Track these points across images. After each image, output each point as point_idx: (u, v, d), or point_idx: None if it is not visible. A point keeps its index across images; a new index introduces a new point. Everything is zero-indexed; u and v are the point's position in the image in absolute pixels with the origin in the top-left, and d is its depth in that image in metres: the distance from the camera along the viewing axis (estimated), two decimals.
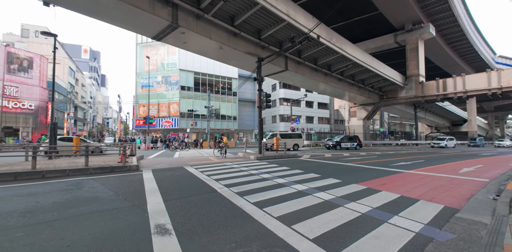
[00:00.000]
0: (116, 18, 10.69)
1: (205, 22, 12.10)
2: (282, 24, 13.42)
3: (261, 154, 12.73)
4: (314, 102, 45.45)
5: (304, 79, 20.33)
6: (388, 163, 9.98)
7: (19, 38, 37.20)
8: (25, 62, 27.14)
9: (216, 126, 36.25)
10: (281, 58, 16.74)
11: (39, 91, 27.84)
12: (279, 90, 42.04)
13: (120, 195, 4.59)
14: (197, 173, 7.18)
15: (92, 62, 65.92)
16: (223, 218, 3.27)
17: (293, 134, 21.93)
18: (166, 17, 10.56)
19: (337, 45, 17.18)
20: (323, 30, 15.75)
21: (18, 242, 2.52)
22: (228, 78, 38.98)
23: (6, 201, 4.10)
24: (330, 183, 5.62)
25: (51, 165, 7.90)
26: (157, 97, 35.04)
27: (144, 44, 35.77)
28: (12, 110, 25.27)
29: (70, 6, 9.76)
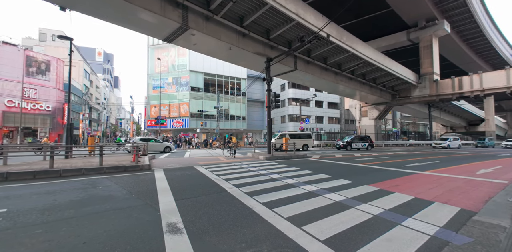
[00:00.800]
0: (129, 21, 10.96)
1: (214, 23, 12.21)
2: (291, 24, 13.35)
3: (270, 154, 12.71)
4: (324, 101, 44.96)
5: (314, 79, 20.13)
6: (401, 164, 9.74)
7: (37, 42, 38.77)
8: (43, 65, 28.26)
9: (225, 126, 36.50)
10: (290, 58, 16.65)
11: (56, 93, 28.91)
12: (288, 90, 41.85)
13: (133, 194, 4.71)
14: (207, 173, 7.25)
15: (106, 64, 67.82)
16: (233, 218, 3.29)
17: (303, 134, 21.76)
18: (176, 19, 10.73)
19: (348, 43, 16.92)
20: (333, 29, 15.56)
21: (37, 238, 2.62)
22: (237, 79, 39.16)
23: (26, 199, 4.28)
24: (341, 184, 5.54)
25: (68, 164, 8.19)
26: (168, 98, 35.65)
27: (155, 46, 36.48)
28: (31, 111, 26.36)
29: (84, 11, 10.08)
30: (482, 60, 37.17)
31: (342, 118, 47.27)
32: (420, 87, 27.59)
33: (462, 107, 38.86)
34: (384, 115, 33.00)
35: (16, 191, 4.91)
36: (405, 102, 29.67)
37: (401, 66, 24.64)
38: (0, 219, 3.20)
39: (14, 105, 24.77)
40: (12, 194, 4.64)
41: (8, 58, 25.12)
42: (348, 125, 47.50)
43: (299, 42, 11.87)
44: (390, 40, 28.46)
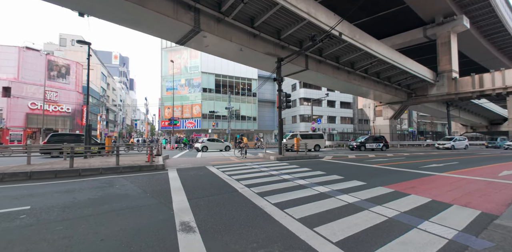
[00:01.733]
0: (143, 25, 11.28)
1: (225, 25, 12.33)
2: (302, 23, 13.25)
3: (281, 155, 12.66)
4: (336, 101, 44.26)
5: (326, 78, 19.87)
6: (417, 165, 9.42)
7: (58, 47, 40.67)
8: (63, 69, 29.62)
9: (236, 126, 36.72)
10: (301, 58, 16.52)
11: (75, 95, 30.22)
12: (299, 90, 41.53)
13: (148, 193, 4.84)
14: (218, 173, 7.33)
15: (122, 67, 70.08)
16: (244, 218, 3.31)
17: (314, 135, 21.52)
18: (188, 22, 10.93)
19: (361, 41, 16.57)
20: (345, 27, 15.30)
21: (59, 234, 2.75)
22: (247, 79, 39.31)
23: (48, 197, 4.51)
24: (354, 186, 5.44)
25: (86, 164, 8.53)
26: (180, 99, 36.33)
27: (168, 48, 37.31)
28: (52, 113, 27.68)
29: (102, 16, 10.48)
30: (505, 56, 35.28)
31: (356, 118, 46.31)
32: (438, 85, 26.56)
33: (483, 105, 37.03)
34: (399, 114, 32.03)
35: (38, 189, 5.18)
36: (422, 101, 28.66)
37: (417, 63, 23.84)
38: (24, 216, 3.39)
39: (37, 107, 26.11)
40: (35, 192, 4.89)
41: (31, 63, 26.53)
42: (362, 125, 46.48)
43: (311, 42, 11.76)
44: (406, 37, 27.59)
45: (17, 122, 25.15)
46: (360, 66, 20.20)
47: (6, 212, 3.55)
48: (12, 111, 24.73)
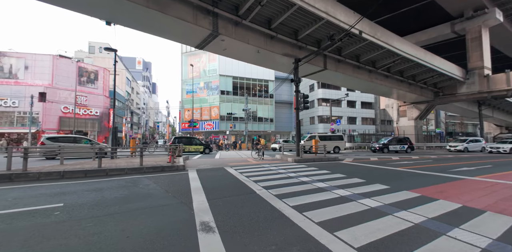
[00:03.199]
0: (165, 31, 11.76)
1: (243, 28, 12.47)
2: (320, 23, 13.05)
3: (299, 157, 12.50)
4: (356, 101, 42.92)
5: (345, 78, 19.36)
6: (446, 168, 8.86)
7: (87, 54, 43.49)
8: (92, 75, 31.59)
9: (253, 128, 36.84)
10: (320, 57, 16.25)
11: (103, 99, 32.07)
12: (317, 90, 40.83)
13: (170, 192, 5.00)
14: (236, 174, 7.40)
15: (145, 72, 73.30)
16: (262, 220, 3.31)
17: (334, 136, 21.01)
18: (207, 26, 11.20)
19: (382, 39, 15.97)
20: (365, 25, 14.82)
21: (88, 231, 2.93)
22: (264, 81, 39.37)
23: (79, 195, 4.82)
24: (376, 189, 5.23)
25: (113, 164, 9.01)
26: (200, 101, 37.22)
27: (188, 53, 38.46)
28: (82, 116, 29.58)
29: (127, 24, 11.07)
30: None
31: (378, 118, 44.57)
32: (468, 83, 24.83)
33: None
34: (425, 114, 30.33)
35: (70, 188, 5.55)
36: (450, 100, 26.93)
37: (444, 61, 22.49)
38: (58, 213, 3.65)
39: (68, 111, 28.04)
40: (67, 190, 5.25)
41: (63, 70, 28.60)
42: (385, 126, 44.62)
43: (329, 41, 11.54)
44: (431, 33, 26.14)
45: (51, 125, 27.17)
46: (382, 65, 19.45)
47: (42, 209, 3.84)
48: (47, 114, 26.77)
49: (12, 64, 26.57)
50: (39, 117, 26.25)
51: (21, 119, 26.05)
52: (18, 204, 4.10)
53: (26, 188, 5.55)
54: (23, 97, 25.35)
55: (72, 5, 9.61)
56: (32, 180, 6.50)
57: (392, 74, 21.21)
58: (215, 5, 10.94)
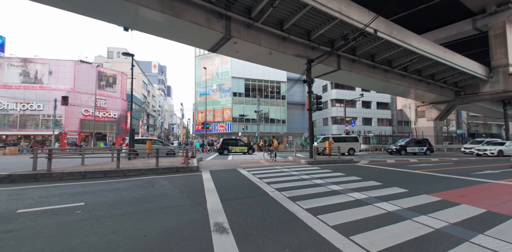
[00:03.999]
0: (179, 35, 12.06)
1: (255, 30, 12.53)
2: (334, 22, 12.86)
3: (312, 159, 12.32)
4: (372, 102, 41.84)
5: (360, 78, 18.93)
6: (468, 171, 8.43)
7: (106, 59, 45.34)
8: (111, 79, 32.90)
9: (265, 129, 36.82)
10: (333, 58, 15.99)
11: (121, 102, 33.28)
12: (330, 91, 40.21)
13: (184, 193, 5.10)
14: (249, 176, 7.41)
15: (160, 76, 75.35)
16: (276, 222, 3.30)
17: (348, 138, 20.56)
18: (220, 29, 11.36)
19: (398, 38, 15.49)
20: (381, 24, 14.45)
21: (108, 229, 3.04)
22: (276, 82, 39.32)
23: (98, 194, 5.01)
24: (394, 193, 5.06)
25: (131, 165, 9.30)
26: (212, 103, 37.74)
27: (201, 56, 39.19)
28: (102, 119, 30.81)
29: (143, 29, 11.46)
30: None
31: (394, 119, 43.18)
32: (492, 81, 23.51)
33: None
34: (445, 115, 29.04)
35: (91, 187, 5.79)
36: (473, 99, 25.62)
37: (466, 58, 21.46)
38: (80, 211, 3.81)
39: (89, 113, 29.31)
40: (88, 190, 5.48)
41: (84, 74, 29.98)
42: (402, 127, 43.14)
43: (343, 41, 11.36)
44: (451, 30, 25.05)
45: (73, 127, 28.52)
46: (399, 64, 18.86)
47: (65, 207, 4.03)
48: (69, 117, 28.13)
49: (37, 70, 28.21)
50: (62, 120, 27.63)
51: (45, 121, 27.52)
52: (43, 203, 4.33)
53: (50, 187, 5.85)
54: (47, 101, 26.80)
55: (93, 13, 10.08)
56: (55, 180, 6.84)
57: (409, 73, 20.51)
58: (227, 8, 11.08)
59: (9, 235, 2.82)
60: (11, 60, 28.07)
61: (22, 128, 27.13)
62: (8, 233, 2.90)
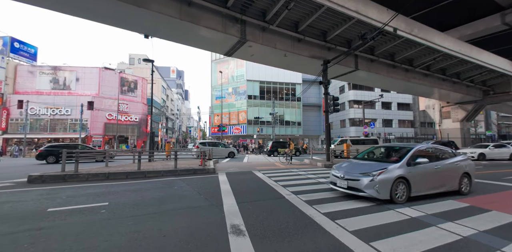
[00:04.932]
0: (196, 40, 12.40)
1: (270, 33, 12.59)
2: (351, 22, 12.61)
3: (329, 162, 12.06)
4: (392, 103, 40.33)
5: (379, 78, 18.35)
6: (500, 176, 7.86)
7: (128, 65, 47.47)
8: (132, 84, 34.40)
9: (280, 132, 36.63)
10: (350, 58, 15.64)
11: (141, 106, 34.64)
12: (348, 92, 39.29)
13: (202, 194, 5.19)
14: (264, 178, 7.40)
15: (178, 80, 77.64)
16: (292, 226, 3.26)
17: (367, 140, 19.93)
18: (235, 34, 11.55)
19: (420, 36, 14.88)
20: (400, 22, 13.96)
21: (130, 228, 3.17)
22: (291, 84, 39.10)
23: (121, 195, 5.23)
24: None
25: (151, 167, 9.63)
26: (228, 106, 38.24)
27: (217, 60, 39.97)
28: (124, 122, 32.21)
29: (162, 36, 11.94)
30: None
31: (417, 120, 41.28)
32: None
33: None
34: (473, 115, 27.31)
35: (114, 188, 6.05)
36: (503, 99, 23.90)
37: (494, 55, 20.16)
38: (104, 211, 4.00)
39: (112, 117, 30.75)
40: (112, 191, 5.73)
41: (108, 80, 31.59)
42: (425, 128, 41.12)
43: (360, 40, 11.08)
44: (477, 26, 23.57)
45: (97, 130, 30.05)
46: (421, 63, 18.08)
47: (91, 207, 4.25)
48: (94, 121, 29.69)
49: (66, 77, 30.15)
50: (88, 124, 29.22)
51: (73, 125, 29.25)
52: (71, 202, 4.59)
53: (77, 187, 6.19)
54: (74, 106, 28.48)
55: (117, 22, 10.65)
56: (82, 181, 7.24)
57: (432, 73, 19.58)
58: (243, 12, 11.25)
59: (40, 232, 3.02)
60: (42, 68, 30.26)
61: (52, 131, 29.02)
62: (40, 230, 3.11)
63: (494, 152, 15.85)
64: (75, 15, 9.94)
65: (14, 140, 27.83)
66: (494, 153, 15.80)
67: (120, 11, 9.52)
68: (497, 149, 16.00)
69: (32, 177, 7.00)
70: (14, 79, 28.95)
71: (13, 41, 29.83)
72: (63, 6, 9.41)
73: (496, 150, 15.94)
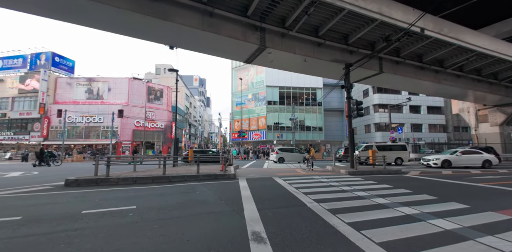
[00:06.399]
0: (217, 49, 12.85)
1: (289, 38, 12.65)
2: (374, 24, 12.27)
3: (354, 169, 11.59)
4: (421, 106, 38.11)
5: (406, 81, 17.49)
6: None
7: (154, 75, 50.19)
8: (158, 93, 36.23)
9: (301, 137, 36.05)
10: (374, 61, 15.13)
11: (166, 113, 36.23)
12: (372, 96, 37.85)
13: (223, 200, 5.25)
14: (285, 185, 7.30)
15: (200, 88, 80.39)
16: (315, 235, 3.17)
17: (395, 146, 18.92)
18: (255, 41, 11.77)
19: (451, 35, 14.03)
20: (428, 21, 13.29)
21: (156, 232, 3.28)
22: (312, 89, 38.59)
23: (147, 199, 5.46)
24: (451, 209, 4.46)
25: (175, 171, 9.97)
26: (248, 112, 38.63)
27: (238, 68, 40.86)
28: (150, 129, 33.83)
29: (186, 47, 12.54)
30: None
31: (449, 124, 38.46)
32: None
33: None
34: None
35: (141, 192, 6.34)
36: None
37: None
38: (132, 214, 4.19)
39: (140, 124, 32.48)
40: (139, 194, 6.01)
41: (136, 89, 33.58)
42: (459, 133, 38.14)
43: (385, 42, 10.74)
44: None
45: (126, 137, 31.87)
46: (452, 64, 16.97)
47: (120, 210, 4.48)
48: (123, 128, 31.56)
49: (99, 87, 32.60)
50: (118, 130, 31.11)
51: (104, 132, 31.32)
52: (102, 205, 4.88)
53: (108, 191, 6.58)
54: (106, 114, 30.54)
55: (145, 35, 11.41)
56: (112, 185, 7.68)
57: (466, 74, 18.26)
58: (262, 20, 11.47)
59: (75, 233, 3.24)
60: (79, 80, 33.06)
61: (86, 138, 31.30)
62: (75, 231, 3.33)
63: (462, 159, 14.31)
64: (109, 30, 10.80)
65: (54, 146, 30.38)
66: (462, 160, 14.29)
67: (148, 25, 10.18)
68: (465, 156, 14.42)
69: (69, 181, 7.57)
70: (55, 90, 31.91)
71: (54, 56, 33.04)
72: (99, 23, 10.31)
73: (464, 157, 14.37)
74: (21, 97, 31.78)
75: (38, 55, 32.86)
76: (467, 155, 14.50)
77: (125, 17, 9.49)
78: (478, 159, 14.39)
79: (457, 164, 14.19)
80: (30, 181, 8.74)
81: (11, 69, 33.43)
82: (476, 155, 14.64)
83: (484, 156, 14.51)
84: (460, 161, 14.30)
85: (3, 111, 31.82)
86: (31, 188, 7.06)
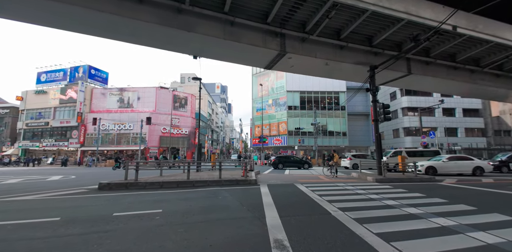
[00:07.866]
0: (238, 57, 13.17)
1: (310, 43, 12.55)
2: (400, 24, 11.75)
3: (382, 176, 10.97)
4: (456, 108, 35.40)
5: (437, 82, 16.41)
6: None
7: (179, 84, 52.54)
8: (183, 101, 37.79)
9: (323, 143, 35.11)
10: (401, 61, 14.41)
11: (190, 120, 37.55)
12: (400, 98, 35.99)
13: (244, 206, 5.26)
14: (307, 192, 7.12)
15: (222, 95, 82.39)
16: (340, 245, 3.03)
17: (427, 152, 17.68)
18: (275, 47, 11.86)
19: (487, 32, 12.98)
20: (460, 18, 12.42)
21: (180, 236, 3.37)
22: (334, 93, 37.70)
23: (172, 203, 5.64)
24: (493, 221, 4.04)
25: (198, 176, 10.21)
26: (268, 118, 38.64)
27: (258, 74, 41.37)
28: (176, 135, 35.23)
29: (208, 56, 13.03)
30: None
31: (489, 128, 35.16)
32: None
33: None
34: None
35: (167, 196, 6.57)
36: None
37: None
38: (158, 218, 4.35)
39: (166, 131, 33.98)
40: (165, 199, 6.23)
41: (163, 98, 35.34)
42: (501, 137, 34.66)
43: (413, 42, 10.20)
44: None
45: (153, 143, 33.45)
46: (490, 62, 15.63)
47: (147, 213, 4.67)
48: (151, 134, 33.20)
49: (129, 97, 34.84)
50: (146, 137, 32.79)
51: (134, 138, 33.19)
52: (131, 208, 5.13)
53: (137, 195, 6.90)
54: (135, 122, 32.41)
55: (170, 46, 12.04)
56: (140, 189, 8.05)
57: (506, 72, 16.70)
58: (282, 26, 11.55)
59: (106, 235, 3.43)
60: (111, 90, 35.65)
61: (118, 144, 33.38)
62: (106, 232, 3.53)
63: (449, 166, 12.95)
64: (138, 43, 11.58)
65: (89, 152, 32.77)
66: (449, 167, 12.94)
67: (173, 37, 10.75)
68: (452, 162, 13.04)
69: (102, 185, 8.07)
70: (90, 100, 34.66)
71: (90, 69, 36.06)
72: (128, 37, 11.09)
73: (452, 163, 12.99)
74: (61, 107, 34.95)
75: (76, 68, 36.10)
76: (455, 162, 13.30)
77: (152, 30, 10.13)
78: (467, 165, 13.16)
79: (444, 171, 13.04)
80: (68, 185, 9.49)
81: (54, 81, 37.09)
82: (466, 161, 13.43)
83: (475, 163, 13.30)
84: (447, 168, 13.13)
85: (46, 120, 35.16)
86: (69, 191, 7.66)
